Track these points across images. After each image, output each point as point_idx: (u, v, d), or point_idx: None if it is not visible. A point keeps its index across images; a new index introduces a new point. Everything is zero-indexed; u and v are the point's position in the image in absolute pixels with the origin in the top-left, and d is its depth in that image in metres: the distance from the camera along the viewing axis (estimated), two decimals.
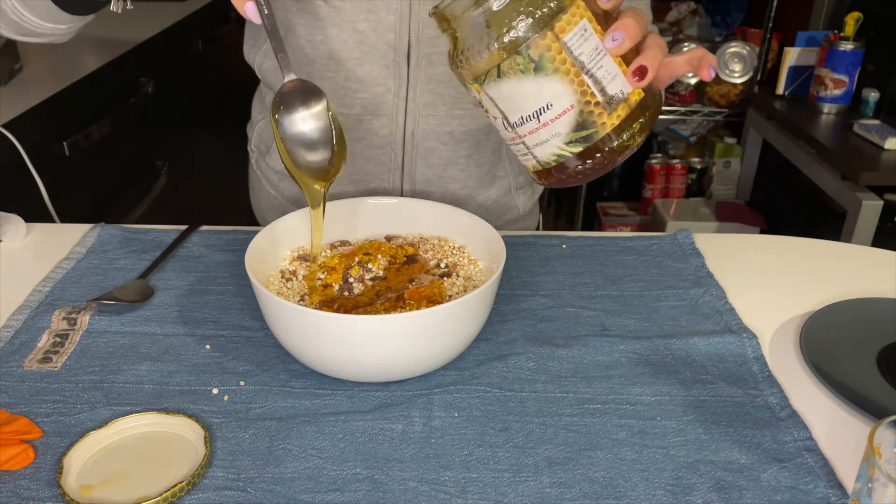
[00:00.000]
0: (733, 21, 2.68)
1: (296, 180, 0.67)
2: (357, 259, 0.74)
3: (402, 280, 0.72)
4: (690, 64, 0.60)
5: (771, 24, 2.30)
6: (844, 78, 2.02)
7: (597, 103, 0.55)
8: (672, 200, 2.56)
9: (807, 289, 0.83)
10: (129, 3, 0.68)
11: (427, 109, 0.87)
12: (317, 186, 0.68)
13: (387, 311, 0.67)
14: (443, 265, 0.75)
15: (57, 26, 0.77)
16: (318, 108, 0.66)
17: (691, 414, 0.64)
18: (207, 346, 0.71)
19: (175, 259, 0.85)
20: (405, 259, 0.75)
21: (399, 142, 0.89)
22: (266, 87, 0.98)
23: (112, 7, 0.69)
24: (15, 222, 0.89)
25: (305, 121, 0.66)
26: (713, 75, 0.59)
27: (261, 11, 0.62)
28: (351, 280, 0.72)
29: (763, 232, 2.34)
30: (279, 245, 0.76)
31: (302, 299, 0.71)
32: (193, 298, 0.78)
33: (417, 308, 0.67)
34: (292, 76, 0.66)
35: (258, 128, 1.00)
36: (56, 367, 0.67)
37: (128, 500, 0.53)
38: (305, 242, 0.78)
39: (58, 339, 0.71)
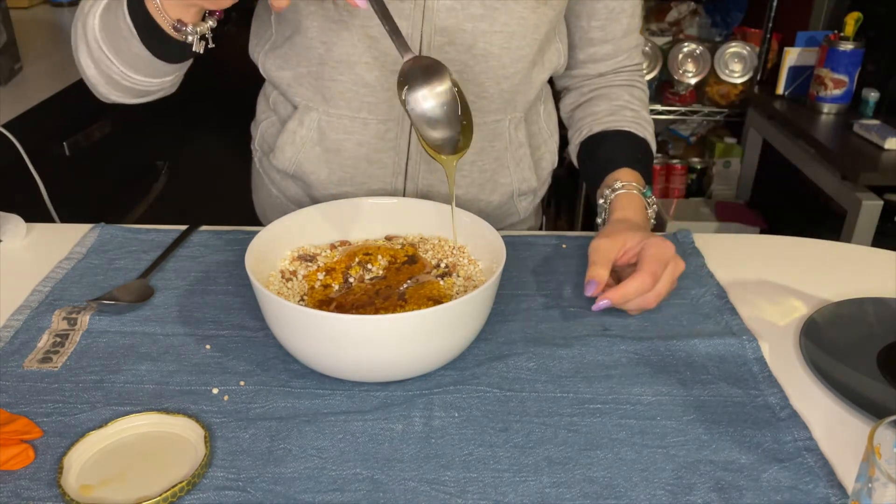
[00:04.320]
0: (733, 21, 2.68)
1: (429, 154, 0.70)
2: (357, 259, 0.74)
3: (401, 280, 0.72)
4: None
5: (771, 24, 2.30)
6: (844, 78, 2.02)
7: None
8: (672, 200, 2.56)
9: (807, 289, 0.83)
10: (210, 42, 0.73)
11: None
12: (445, 158, 0.70)
13: (387, 310, 0.67)
14: (443, 265, 0.75)
15: (164, 79, 0.80)
16: (443, 85, 0.68)
17: (691, 414, 0.64)
18: (207, 346, 0.70)
19: (175, 259, 0.85)
20: (405, 259, 0.75)
21: (404, 146, 0.89)
22: (270, 84, 0.97)
23: (194, 48, 0.73)
24: (15, 222, 0.89)
25: (429, 98, 0.68)
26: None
27: None
28: (351, 280, 0.72)
29: (763, 232, 2.34)
30: (279, 245, 0.76)
31: (302, 299, 0.71)
32: (193, 298, 0.78)
33: (417, 308, 0.67)
34: (411, 54, 0.68)
35: (262, 127, 1.00)
36: (56, 367, 0.67)
37: (128, 500, 0.53)
38: (305, 242, 0.78)
39: (58, 339, 0.71)
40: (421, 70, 0.68)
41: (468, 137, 0.70)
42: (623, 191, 0.85)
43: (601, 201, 0.87)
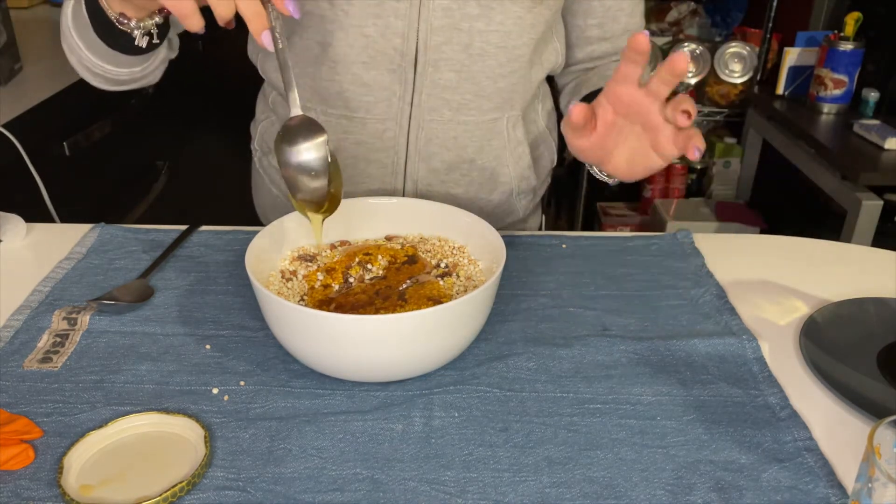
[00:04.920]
0: (733, 21, 2.68)
1: (297, 209, 0.69)
2: (357, 259, 0.74)
3: (401, 280, 0.72)
4: (676, 144, 0.63)
5: (771, 24, 2.29)
6: (844, 78, 2.02)
7: None
8: (672, 200, 2.56)
9: (807, 289, 0.83)
10: (154, 38, 0.73)
11: (432, 114, 0.87)
12: (314, 215, 0.70)
13: (387, 310, 0.67)
14: (443, 265, 0.75)
15: (132, 70, 0.80)
16: (319, 140, 0.67)
17: (691, 414, 0.64)
18: (207, 346, 0.71)
19: (175, 259, 0.85)
20: (405, 259, 0.75)
21: (402, 146, 0.89)
22: (269, 85, 0.98)
23: (137, 42, 0.73)
24: (15, 222, 0.89)
25: (307, 153, 0.67)
26: (698, 156, 0.62)
27: (275, 43, 0.64)
28: (351, 280, 0.72)
29: (763, 232, 2.34)
30: (279, 245, 0.76)
31: (302, 299, 0.71)
32: (193, 298, 0.78)
33: (417, 308, 0.67)
34: (298, 112, 0.68)
35: (261, 127, 1.00)
36: (56, 367, 0.67)
37: (128, 500, 0.53)
38: (305, 242, 0.78)
39: (58, 339, 0.71)
40: (304, 127, 0.68)
41: (335, 203, 0.70)
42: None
43: None
